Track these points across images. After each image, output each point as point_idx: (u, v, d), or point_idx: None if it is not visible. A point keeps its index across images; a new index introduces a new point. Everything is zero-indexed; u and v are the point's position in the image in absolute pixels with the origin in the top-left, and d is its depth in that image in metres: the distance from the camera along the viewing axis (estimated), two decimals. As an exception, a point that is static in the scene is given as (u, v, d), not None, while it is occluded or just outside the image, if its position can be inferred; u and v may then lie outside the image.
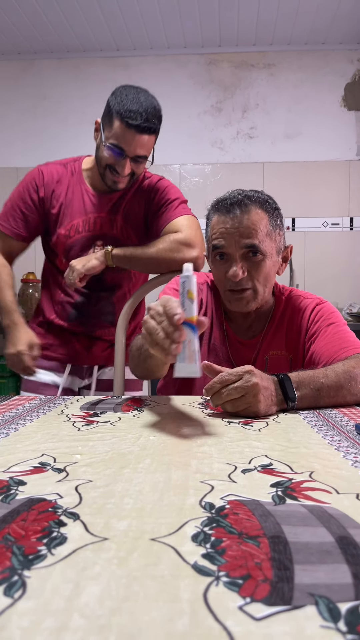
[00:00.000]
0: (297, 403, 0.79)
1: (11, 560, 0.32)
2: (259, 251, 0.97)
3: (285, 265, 1.08)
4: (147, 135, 1.19)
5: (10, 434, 0.66)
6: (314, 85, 3.17)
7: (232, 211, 0.97)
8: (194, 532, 0.36)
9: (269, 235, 0.99)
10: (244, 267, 0.98)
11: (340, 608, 0.27)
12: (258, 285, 1.00)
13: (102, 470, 0.50)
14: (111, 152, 1.20)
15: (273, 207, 1.01)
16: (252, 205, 0.98)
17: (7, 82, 3.30)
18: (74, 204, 1.33)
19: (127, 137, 1.17)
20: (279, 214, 1.03)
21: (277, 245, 1.02)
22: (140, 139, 1.18)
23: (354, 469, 0.50)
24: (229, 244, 0.98)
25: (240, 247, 0.97)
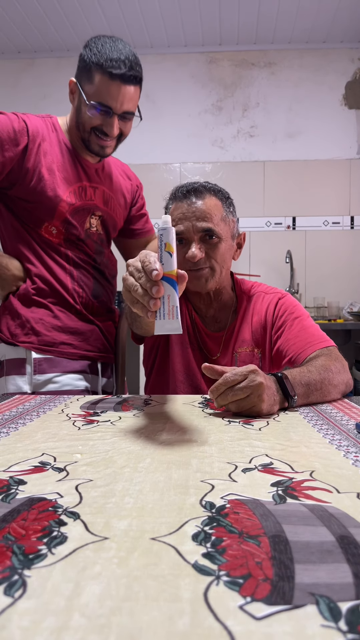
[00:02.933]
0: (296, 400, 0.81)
1: (11, 559, 0.32)
2: (214, 234, 1.03)
3: (240, 251, 1.12)
4: (134, 86, 1.08)
5: (10, 433, 0.66)
6: (314, 84, 3.16)
7: (188, 197, 1.04)
8: (194, 531, 0.36)
9: (223, 220, 1.05)
10: (201, 249, 1.03)
11: (340, 607, 0.27)
12: (215, 265, 1.05)
13: (103, 469, 0.50)
14: (96, 111, 1.08)
15: (225, 196, 1.08)
16: (206, 192, 1.05)
17: (7, 81, 3.30)
18: (68, 168, 1.17)
19: (112, 91, 1.05)
20: (231, 203, 1.09)
21: (231, 230, 1.08)
22: (127, 91, 1.07)
23: (355, 468, 0.50)
24: (187, 228, 1.03)
25: (198, 231, 1.02)
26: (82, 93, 1.08)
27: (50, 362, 1.17)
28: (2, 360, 1.20)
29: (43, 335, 1.17)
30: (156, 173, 3.13)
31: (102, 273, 1.28)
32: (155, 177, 3.11)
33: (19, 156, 1.10)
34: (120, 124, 1.12)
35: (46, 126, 1.16)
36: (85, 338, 1.23)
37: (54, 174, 1.15)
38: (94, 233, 1.25)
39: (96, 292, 1.26)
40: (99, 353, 1.26)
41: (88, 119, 1.10)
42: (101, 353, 1.26)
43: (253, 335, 1.10)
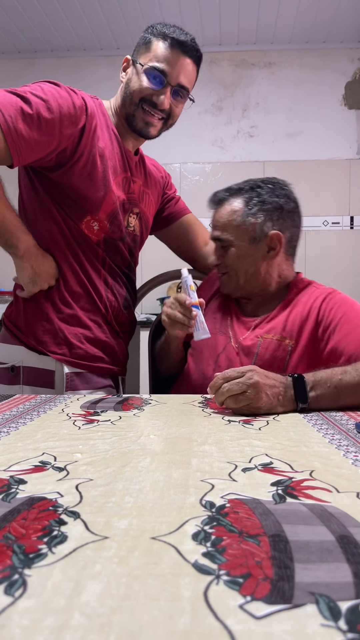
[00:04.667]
0: (312, 404, 0.78)
1: (12, 558, 0.32)
2: (222, 240, 1.09)
3: (276, 253, 1.07)
4: (193, 62, 1.03)
5: (10, 432, 0.66)
6: (314, 84, 3.16)
7: (212, 206, 1.13)
8: (194, 530, 0.36)
9: (237, 225, 1.07)
10: (217, 255, 1.12)
11: (340, 607, 0.27)
12: (231, 271, 1.10)
13: (103, 469, 0.50)
14: (149, 77, 1.00)
15: (253, 196, 1.07)
16: (230, 198, 1.09)
17: (7, 81, 3.29)
18: (115, 156, 1.08)
19: (171, 58, 1.00)
20: (261, 202, 1.06)
21: (251, 233, 1.06)
22: (185, 63, 1.01)
23: (354, 468, 0.50)
24: (211, 233, 1.13)
25: (214, 239, 1.12)
26: (137, 64, 1.02)
27: (82, 378, 1.09)
28: (18, 365, 1.09)
29: (77, 347, 1.08)
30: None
31: (131, 281, 1.22)
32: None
33: (75, 135, 0.99)
34: (172, 101, 1.03)
35: (96, 107, 1.06)
36: (113, 352, 1.15)
37: (106, 161, 1.05)
38: (131, 233, 1.17)
39: (127, 302, 1.19)
40: (121, 368, 1.20)
41: (138, 88, 1.02)
42: (123, 367, 1.21)
43: (287, 325, 1.04)
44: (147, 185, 1.21)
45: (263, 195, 1.06)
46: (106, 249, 1.11)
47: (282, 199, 1.07)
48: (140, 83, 1.02)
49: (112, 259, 1.13)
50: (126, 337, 1.24)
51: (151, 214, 1.25)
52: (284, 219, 1.07)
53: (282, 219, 1.07)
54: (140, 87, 1.02)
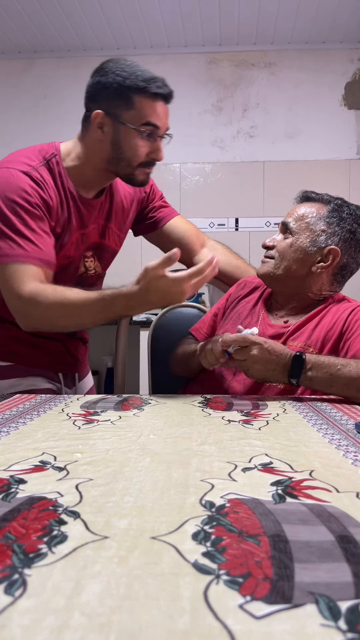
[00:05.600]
0: (305, 382, 0.90)
1: (12, 558, 0.32)
2: (288, 227, 1.11)
3: (325, 266, 1.07)
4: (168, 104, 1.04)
5: (10, 432, 0.66)
6: (314, 84, 3.16)
7: (297, 201, 1.17)
8: (194, 530, 0.36)
9: (309, 222, 1.09)
10: (276, 239, 1.14)
11: (340, 607, 0.27)
12: (277, 258, 1.11)
13: (103, 468, 0.50)
14: (144, 136, 1.01)
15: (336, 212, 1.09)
16: (318, 201, 1.12)
17: (7, 81, 3.30)
18: (72, 217, 1.10)
19: (157, 110, 0.99)
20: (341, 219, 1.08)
21: (312, 235, 1.08)
22: (167, 109, 1.03)
23: (354, 468, 0.50)
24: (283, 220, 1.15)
25: (282, 222, 1.14)
26: (123, 122, 0.99)
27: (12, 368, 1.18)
28: None
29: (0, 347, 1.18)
30: (156, 173, 3.10)
31: None
32: (154, 177, 3.10)
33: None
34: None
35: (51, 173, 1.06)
36: (46, 351, 1.21)
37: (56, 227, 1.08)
38: (92, 276, 1.21)
39: None
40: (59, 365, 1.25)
41: (137, 150, 1.02)
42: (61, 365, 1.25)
43: (314, 334, 1.06)
44: (111, 218, 1.20)
45: (348, 215, 1.09)
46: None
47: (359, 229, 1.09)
48: (138, 146, 1.01)
49: None
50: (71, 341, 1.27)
51: (116, 240, 1.25)
52: (351, 245, 1.08)
53: (349, 244, 1.08)
54: (140, 149, 1.02)
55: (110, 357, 3.18)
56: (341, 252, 1.07)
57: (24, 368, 1.19)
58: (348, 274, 1.13)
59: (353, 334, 1.01)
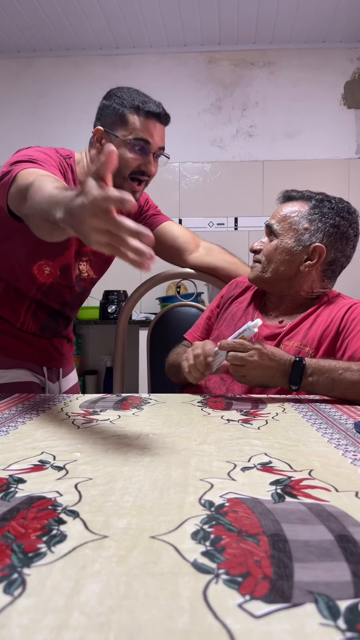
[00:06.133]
0: (306, 387, 0.88)
1: (11, 558, 0.32)
2: (272, 229, 1.10)
3: (313, 264, 1.07)
4: (164, 126, 1.11)
5: (9, 432, 0.66)
6: (313, 84, 3.16)
7: (280, 201, 1.16)
8: (193, 529, 0.36)
9: (291, 223, 1.08)
10: (263, 242, 1.13)
11: (339, 606, 0.27)
12: (264, 261, 1.11)
13: (102, 468, 0.50)
14: (135, 149, 1.08)
15: (317, 208, 1.08)
16: (300, 199, 1.11)
17: (6, 81, 3.29)
18: None
19: (149, 128, 1.08)
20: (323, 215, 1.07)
21: (297, 234, 1.07)
22: (160, 129, 1.10)
23: (353, 467, 0.50)
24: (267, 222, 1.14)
25: (266, 224, 1.13)
26: (117, 136, 1.08)
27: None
28: None
29: None
30: (155, 172, 3.13)
31: (61, 313, 1.28)
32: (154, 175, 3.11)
33: None
34: (154, 162, 1.12)
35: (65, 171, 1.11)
36: (32, 344, 1.25)
37: None
38: (85, 279, 1.26)
39: (46, 327, 1.26)
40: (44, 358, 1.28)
41: (127, 162, 1.08)
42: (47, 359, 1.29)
43: (310, 333, 1.05)
44: None
45: (329, 210, 1.08)
46: (47, 291, 1.19)
47: (344, 222, 1.08)
48: (127, 158, 1.08)
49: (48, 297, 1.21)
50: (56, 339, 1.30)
51: None
52: (336, 239, 1.07)
53: (334, 239, 1.07)
54: (129, 162, 1.08)
55: (109, 357, 3.19)
56: (327, 248, 1.06)
57: (8, 360, 1.22)
58: (338, 268, 1.12)
59: (350, 332, 1.00)
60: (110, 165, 0.56)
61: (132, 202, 0.54)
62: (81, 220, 0.59)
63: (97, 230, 0.57)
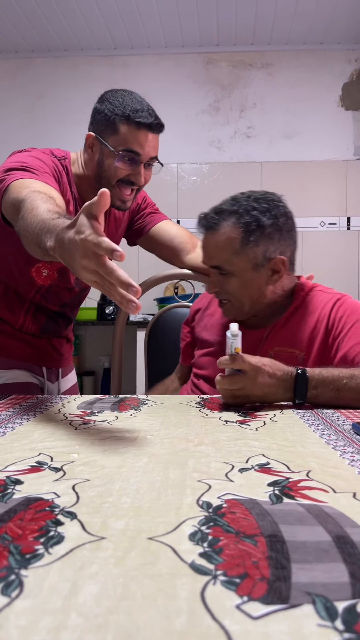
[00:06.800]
0: (313, 400, 0.83)
1: (8, 559, 0.32)
2: (224, 270, 1.00)
3: (280, 276, 1.02)
4: (156, 134, 1.09)
5: (7, 433, 0.66)
6: (311, 85, 3.17)
7: (202, 230, 1.03)
8: (191, 531, 0.36)
9: (237, 253, 0.99)
10: (215, 283, 1.03)
11: (337, 607, 0.27)
12: (234, 300, 1.03)
13: (99, 469, 0.50)
14: (124, 160, 1.06)
15: (251, 222, 0.98)
16: (223, 222, 0.99)
17: (4, 81, 3.29)
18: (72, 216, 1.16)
19: (140, 139, 1.06)
20: (261, 227, 0.98)
21: (252, 260, 0.99)
22: (152, 139, 1.08)
23: (351, 468, 0.50)
24: (205, 260, 1.04)
25: (210, 266, 1.03)
26: (106, 145, 1.06)
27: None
28: None
29: None
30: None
31: (61, 314, 1.28)
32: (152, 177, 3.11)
33: None
34: (145, 172, 1.10)
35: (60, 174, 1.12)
36: (31, 345, 1.25)
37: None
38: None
39: (46, 328, 1.26)
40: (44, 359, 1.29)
41: (114, 171, 1.07)
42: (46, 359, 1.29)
43: (297, 335, 1.01)
44: (106, 228, 1.26)
45: (261, 218, 0.98)
46: (45, 293, 1.19)
47: (281, 219, 1.00)
48: (115, 167, 1.07)
49: (47, 300, 1.21)
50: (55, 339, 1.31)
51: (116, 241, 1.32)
52: (284, 239, 1.01)
53: (283, 240, 1.01)
54: (117, 171, 1.07)
55: (107, 357, 3.18)
56: (283, 251, 1.01)
57: (7, 361, 1.22)
58: (294, 257, 1.07)
59: (340, 332, 0.97)
60: (103, 207, 0.59)
61: (122, 254, 0.57)
62: (72, 256, 0.62)
63: (87, 270, 0.60)
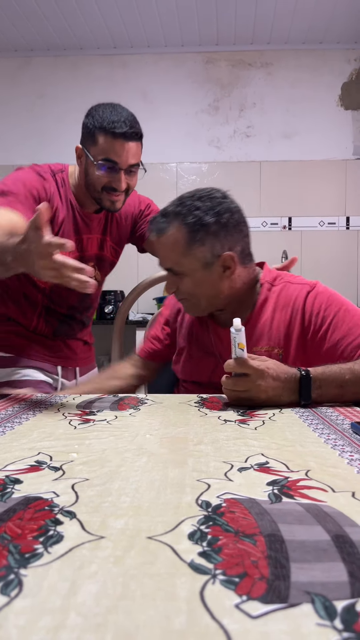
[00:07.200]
0: (318, 399, 0.84)
1: (7, 558, 0.32)
2: (176, 272, 1.01)
3: (231, 271, 1.00)
4: (135, 142, 1.14)
5: (6, 432, 0.66)
6: (311, 85, 3.17)
7: (152, 234, 1.03)
8: (190, 530, 0.36)
9: (185, 254, 0.98)
10: (172, 284, 1.03)
11: (336, 606, 0.27)
12: (191, 298, 1.03)
13: (99, 468, 0.50)
14: (103, 168, 1.14)
15: (194, 222, 0.96)
16: (169, 225, 0.98)
17: (3, 80, 3.29)
18: (66, 223, 1.26)
19: (116, 148, 1.12)
20: (205, 225, 0.96)
21: (201, 260, 0.98)
22: (129, 147, 1.13)
23: (350, 468, 0.50)
24: (159, 262, 1.04)
25: (163, 268, 1.04)
26: (89, 156, 1.15)
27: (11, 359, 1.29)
28: None
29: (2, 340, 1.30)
30: (153, 173, 3.13)
31: (72, 317, 1.35)
32: (151, 176, 3.11)
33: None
34: (127, 178, 1.17)
35: (55, 187, 1.23)
36: (45, 345, 1.32)
37: (61, 233, 1.24)
38: None
39: (59, 331, 1.34)
40: (58, 357, 1.35)
41: (97, 179, 1.16)
42: (60, 358, 1.36)
43: (273, 332, 1.00)
44: (107, 232, 1.36)
45: (204, 217, 0.96)
46: (51, 293, 1.28)
47: (225, 215, 0.98)
48: (97, 176, 1.16)
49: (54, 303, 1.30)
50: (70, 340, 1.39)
51: (120, 244, 1.42)
52: (231, 234, 0.99)
53: (230, 235, 0.99)
54: (99, 179, 1.16)
55: (106, 357, 3.18)
56: (231, 246, 0.99)
57: (21, 359, 1.29)
58: (249, 249, 1.05)
59: (322, 326, 0.97)
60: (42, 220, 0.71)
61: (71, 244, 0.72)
62: (31, 262, 0.77)
63: (46, 269, 0.75)
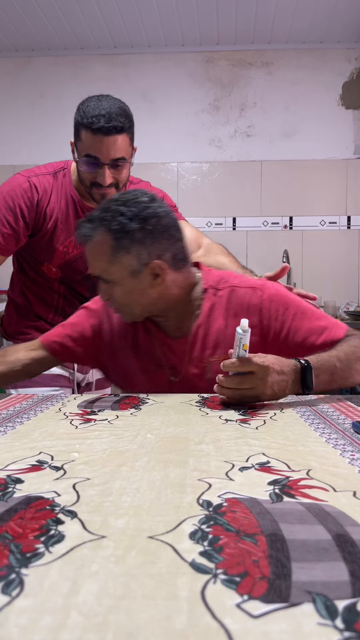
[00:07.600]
0: (315, 387, 0.85)
1: (9, 558, 0.32)
2: (105, 280, 0.95)
3: (161, 279, 0.94)
4: (116, 135, 1.11)
5: (7, 432, 0.66)
6: (311, 84, 3.17)
7: (79, 240, 0.97)
8: (191, 529, 0.36)
9: (111, 262, 0.92)
10: (104, 291, 0.98)
11: (337, 605, 0.27)
12: (124, 306, 0.98)
13: (100, 468, 0.50)
14: (86, 165, 1.15)
15: (119, 229, 0.90)
16: (95, 232, 0.93)
17: (4, 80, 3.29)
18: (70, 218, 1.27)
19: (96, 144, 1.12)
20: (130, 232, 0.90)
21: (127, 268, 0.92)
22: (110, 142, 1.11)
23: (351, 467, 0.50)
24: (89, 269, 0.99)
25: (93, 275, 0.98)
26: (75, 151, 1.18)
27: None
28: None
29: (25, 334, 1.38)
30: (153, 172, 3.13)
31: None
32: (152, 176, 3.10)
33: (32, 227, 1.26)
34: (113, 172, 1.16)
35: (56, 181, 1.27)
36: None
37: (56, 227, 1.27)
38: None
39: None
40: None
41: (84, 174, 1.18)
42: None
43: (227, 338, 0.96)
44: None
45: (128, 224, 0.90)
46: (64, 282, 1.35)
47: (152, 221, 0.91)
48: (82, 171, 1.18)
49: (70, 291, 1.37)
50: None
51: None
52: (158, 241, 0.93)
53: (157, 242, 0.92)
54: (85, 174, 1.18)
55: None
56: (161, 255, 0.93)
57: None
58: (182, 254, 0.98)
59: (282, 327, 0.96)
60: None
61: None
62: None
63: None
